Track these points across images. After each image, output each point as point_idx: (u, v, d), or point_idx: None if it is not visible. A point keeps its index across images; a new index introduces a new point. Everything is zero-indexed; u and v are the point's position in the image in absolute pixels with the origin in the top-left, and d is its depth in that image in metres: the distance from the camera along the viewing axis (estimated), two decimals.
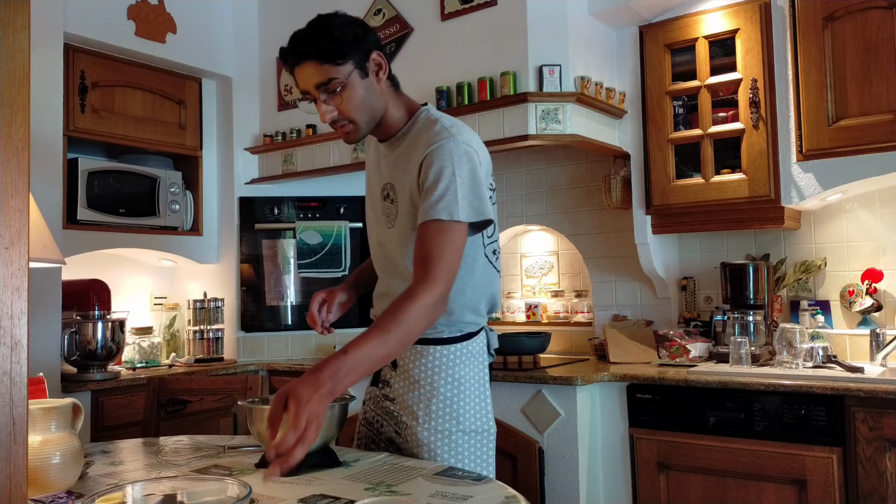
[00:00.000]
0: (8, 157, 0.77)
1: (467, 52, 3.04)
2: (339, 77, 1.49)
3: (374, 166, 1.70)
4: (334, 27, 1.50)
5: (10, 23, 0.78)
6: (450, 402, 1.58)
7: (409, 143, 1.58)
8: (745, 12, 2.78)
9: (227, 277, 3.72)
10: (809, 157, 2.65)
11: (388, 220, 1.61)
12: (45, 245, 1.79)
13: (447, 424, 1.58)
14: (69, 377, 2.97)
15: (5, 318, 0.76)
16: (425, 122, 1.58)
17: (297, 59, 1.50)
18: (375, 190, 1.67)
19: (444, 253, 1.43)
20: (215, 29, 3.72)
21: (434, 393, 1.58)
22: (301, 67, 1.50)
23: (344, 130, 1.56)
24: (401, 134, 1.60)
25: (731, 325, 2.75)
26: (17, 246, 0.77)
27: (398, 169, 1.58)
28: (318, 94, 1.50)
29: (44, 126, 2.94)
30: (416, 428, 1.58)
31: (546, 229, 3.56)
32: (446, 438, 1.58)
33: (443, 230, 1.44)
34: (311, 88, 1.51)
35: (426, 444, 1.57)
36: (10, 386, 0.76)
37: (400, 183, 1.57)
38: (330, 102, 1.51)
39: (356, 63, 1.50)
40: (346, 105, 1.51)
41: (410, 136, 1.58)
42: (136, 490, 1.19)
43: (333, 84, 1.49)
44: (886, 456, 2.15)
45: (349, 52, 1.49)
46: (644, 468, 2.55)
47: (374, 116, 1.56)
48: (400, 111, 1.61)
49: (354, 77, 1.50)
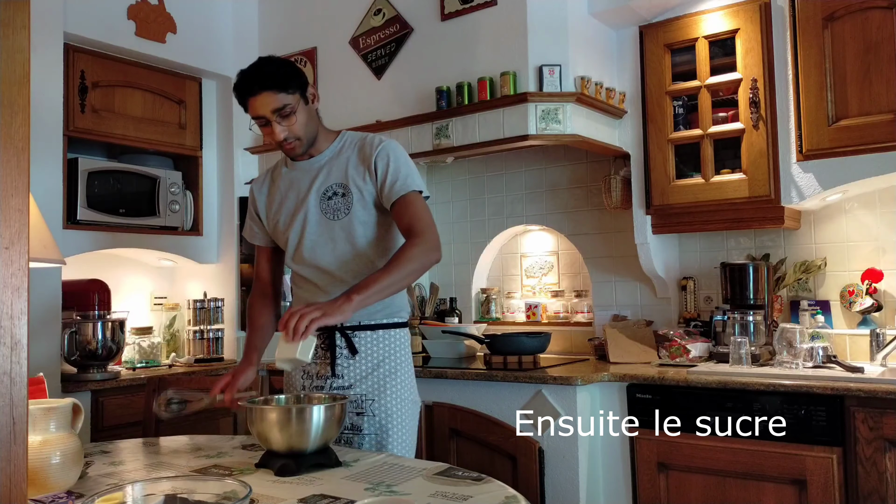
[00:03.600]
0: (8, 157, 0.77)
1: (467, 52, 3.04)
2: (291, 103, 1.83)
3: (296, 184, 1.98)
4: (280, 65, 1.86)
5: (10, 23, 0.78)
6: (407, 376, 1.95)
7: (345, 153, 1.95)
8: (745, 12, 2.78)
9: (227, 277, 3.72)
10: (809, 157, 2.65)
11: (336, 213, 1.91)
12: (45, 245, 1.79)
13: (408, 394, 1.93)
14: (69, 377, 2.97)
15: (5, 318, 0.76)
16: (353, 137, 1.99)
17: (258, 90, 1.81)
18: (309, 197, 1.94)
19: (425, 215, 1.85)
20: (215, 29, 3.72)
21: (397, 369, 1.92)
22: (260, 96, 1.81)
23: (291, 146, 1.89)
24: (332, 150, 1.96)
25: (731, 325, 2.75)
26: (17, 246, 0.77)
27: (340, 171, 1.93)
28: (273, 118, 1.83)
29: (44, 126, 2.94)
30: (385, 402, 1.88)
31: (546, 229, 3.56)
32: (408, 407, 1.92)
33: (417, 199, 1.87)
34: (267, 113, 1.82)
35: (397, 413, 1.89)
36: (10, 386, 0.76)
37: (349, 179, 1.91)
38: (283, 124, 1.84)
39: (301, 93, 1.86)
40: (295, 126, 1.86)
41: (345, 149, 1.96)
42: (136, 490, 1.19)
43: (287, 109, 1.83)
44: (886, 456, 2.15)
45: (297, 84, 1.85)
46: (644, 468, 2.55)
47: (312, 136, 1.93)
48: (326, 134, 1.98)
49: (301, 104, 1.86)
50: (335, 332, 1.90)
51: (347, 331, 1.90)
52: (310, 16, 3.64)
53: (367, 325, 1.91)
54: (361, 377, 1.89)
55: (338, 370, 1.90)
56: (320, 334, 1.89)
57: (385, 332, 1.93)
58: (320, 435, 1.53)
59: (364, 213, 1.90)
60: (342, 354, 1.90)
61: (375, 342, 1.91)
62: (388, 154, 1.89)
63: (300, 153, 1.93)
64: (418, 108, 3.14)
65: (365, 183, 1.89)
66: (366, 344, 1.91)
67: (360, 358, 1.90)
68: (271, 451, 1.56)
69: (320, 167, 1.95)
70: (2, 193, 0.76)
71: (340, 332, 1.90)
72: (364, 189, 1.90)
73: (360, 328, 1.91)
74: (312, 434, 1.52)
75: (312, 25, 3.61)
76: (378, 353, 1.91)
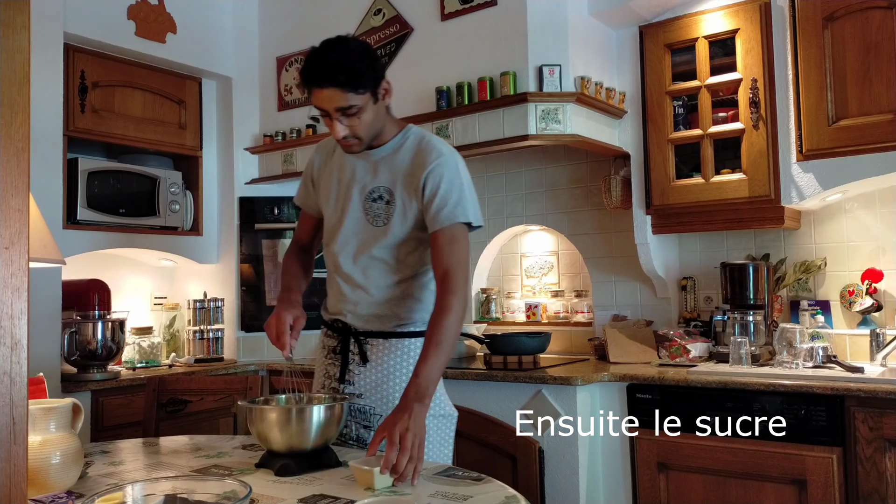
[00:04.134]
0: (8, 157, 0.77)
1: (467, 52, 3.04)
2: (358, 104, 1.65)
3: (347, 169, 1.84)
4: (357, 58, 1.65)
5: (10, 23, 0.78)
6: None
7: (403, 154, 1.78)
8: (745, 12, 2.78)
9: (227, 277, 3.72)
10: (809, 157, 2.65)
11: (375, 219, 1.77)
12: (45, 245, 1.79)
13: None
14: (69, 377, 2.97)
15: (5, 318, 0.76)
16: (416, 136, 1.80)
17: (326, 84, 1.63)
18: (354, 191, 1.81)
19: (461, 260, 1.71)
20: (215, 29, 3.72)
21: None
22: (325, 91, 1.64)
23: (349, 144, 1.73)
24: (392, 145, 1.79)
25: (731, 325, 2.75)
26: (17, 246, 0.77)
27: (392, 175, 1.77)
28: (336, 116, 1.67)
29: (44, 126, 2.94)
30: None
31: (546, 229, 3.56)
32: None
33: (461, 236, 1.72)
34: (331, 110, 1.66)
35: None
36: (10, 386, 0.76)
37: (397, 188, 1.76)
38: (345, 122, 1.68)
39: (373, 91, 1.67)
40: (358, 127, 1.69)
41: (404, 150, 1.78)
42: (136, 490, 1.19)
43: (353, 110, 1.65)
44: (886, 456, 2.15)
45: (370, 82, 1.66)
46: (644, 468, 2.55)
47: (375, 134, 1.75)
48: (391, 126, 1.80)
49: (369, 103, 1.68)
50: (349, 336, 1.81)
51: (360, 336, 1.80)
52: (310, 16, 3.64)
53: (379, 332, 1.79)
54: (371, 388, 1.77)
55: (348, 376, 1.80)
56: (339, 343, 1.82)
57: (398, 342, 1.78)
58: (320, 435, 1.53)
59: (401, 228, 1.75)
60: (353, 361, 1.79)
61: (387, 352, 1.78)
62: (441, 174, 1.71)
63: (357, 152, 1.77)
64: (418, 107, 3.13)
65: (410, 199, 1.74)
66: (377, 353, 1.78)
67: (370, 367, 1.78)
68: (271, 451, 1.56)
69: (376, 162, 1.79)
70: (2, 193, 0.76)
71: (354, 336, 1.80)
72: (408, 204, 1.75)
73: (372, 335, 1.79)
74: (312, 434, 1.52)
75: (312, 25, 3.61)
76: (389, 364, 1.77)
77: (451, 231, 1.70)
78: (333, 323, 1.85)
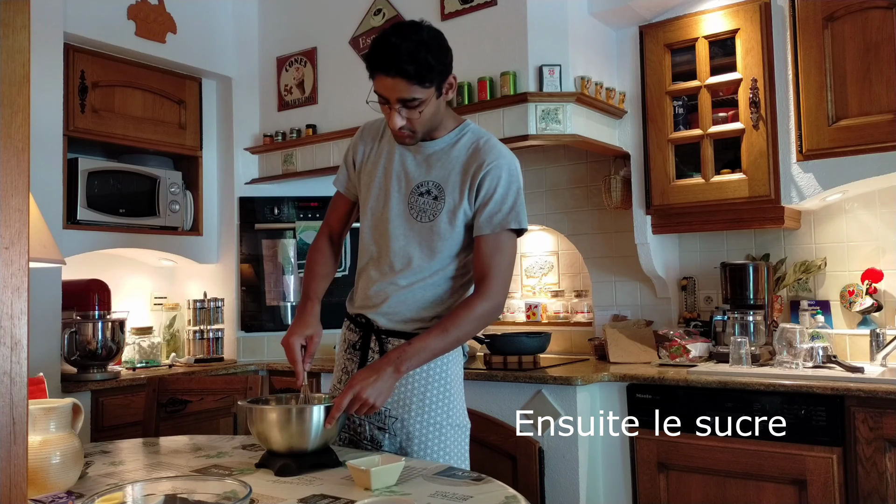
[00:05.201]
0: (8, 157, 0.77)
1: (467, 52, 3.04)
2: (422, 97, 1.60)
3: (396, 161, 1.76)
4: (429, 50, 1.59)
5: (10, 23, 0.77)
6: (442, 397, 1.70)
7: (458, 151, 1.72)
8: (745, 12, 2.78)
9: (227, 277, 3.72)
10: (809, 157, 2.65)
11: (419, 214, 1.70)
12: (45, 245, 1.79)
13: (439, 418, 1.69)
14: (69, 377, 2.97)
15: (5, 318, 0.76)
16: (473, 134, 1.74)
17: (393, 73, 1.57)
18: (400, 183, 1.74)
19: (503, 268, 1.66)
20: (215, 29, 3.72)
21: (428, 388, 1.69)
22: (391, 80, 1.58)
23: (404, 135, 1.68)
24: (448, 140, 1.73)
25: (731, 325, 2.75)
26: (17, 246, 0.77)
27: (444, 171, 1.71)
28: (396, 106, 1.61)
29: (44, 126, 2.94)
30: (407, 421, 1.67)
31: (546, 229, 3.56)
32: (437, 431, 1.68)
33: (510, 243, 1.67)
34: (392, 99, 1.61)
35: (418, 437, 1.67)
36: (10, 386, 0.76)
37: (448, 185, 1.70)
38: (403, 114, 1.63)
39: (438, 85, 1.63)
40: (416, 121, 1.64)
41: (459, 146, 1.72)
42: (136, 490, 1.19)
43: (415, 102, 1.60)
44: (886, 456, 2.15)
45: (437, 77, 1.61)
46: (644, 468, 2.55)
47: (432, 128, 1.71)
48: (448, 120, 1.74)
49: (432, 97, 1.63)
50: (371, 333, 1.74)
51: (383, 335, 1.72)
52: (310, 16, 3.64)
53: (401, 333, 1.70)
54: None
55: None
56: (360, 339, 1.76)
57: None
58: (320, 435, 1.53)
59: (448, 227, 1.68)
60: (373, 358, 1.72)
61: None
62: (499, 176, 1.66)
63: (410, 144, 1.72)
64: None
65: (462, 198, 1.67)
66: None
67: None
68: (271, 451, 1.55)
69: (428, 156, 1.73)
70: (2, 193, 0.76)
71: (376, 334, 1.73)
72: (458, 203, 1.68)
73: (394, 334, 1.71)
74: (312, 434, 1.52)
75: (312, 25, 3.61)
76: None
77: (499, 237, 1.66)
78: (357, 318, 1.78)
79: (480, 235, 1.66)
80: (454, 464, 1.67)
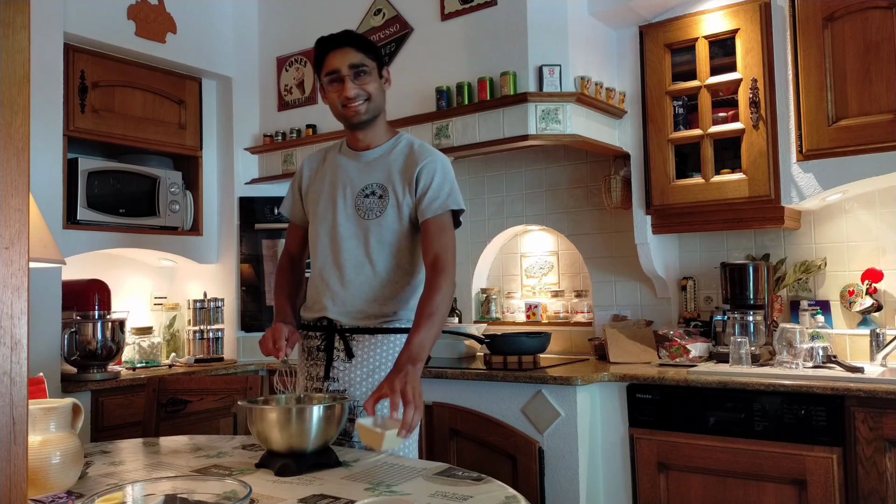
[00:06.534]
0: (8, 157, 0.77)
1: (467, 52, 3.04)
2: (369, 66, 1.87)
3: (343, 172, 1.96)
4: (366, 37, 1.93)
5: (10, 23, 0.77)
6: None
7: (395, 155, 1.93)
8: (745, 12, 2.78)
9: (227, 277, 3.72)
10: (809, 157, 2.65)
11: (367, 213, 1.89)
12: (45, 245, 1.79)
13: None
14: (69, 377, 2.97)
15: (5, 318, 0.76)
16: (407, 140, 1.97)
17: (341, 44, 1.86)
18: (345, 190, 1.93)
19: (450, 246, 1.84)
20: (215, 29, 3.72)
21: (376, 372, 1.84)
22: (342, 50, 1.85)
23: (357, 107, 1.87)
24: (385, 148, 1.95)
25: (731, 325, 2.75)
26: (17, 246, 0.77)
27: (386, 172, 1.91)
28: (348, 73, 1.85)
29: (44, 126, 2.94)
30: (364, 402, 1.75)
31: (546, 229, 3.56)
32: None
33: (448, 225, 1.86)
34: (343, 67, 1.85)
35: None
36: (10, 386, 0.76)
37: (390, 184, 1.90)
38: (356, 82, 1.86)
39: (378, 65, 1.91)
40: (367, 86, 1.87)
41: (396, 151, 1.94)
42: (136, 490, 1.19)
43: (364, 68, 1.86)
44: (886, 456, 2.15)
45: (378, 55, 1.92)
46: (644, 468, 2.55)
47: (378, 110, 1.92)
48: (386, 128, 1.99)
49: (376, 73, 1.90)
50: (334, 333, 1.88)
51: (346, 333, 1.88)
52: (310, 16, 3.64)
53: (364, 329, 1.87)
54: (356, 382, 1.85)
55: (333, 373, 1.88)
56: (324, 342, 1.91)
57: (384, 338, 1.87)
58: (320, 435, 1.53)
59: (395, 219, 1.88)
60: (339, 357, 1.87)
61: (373, 347, 1.86)
62: (434, 169, 1.87)
63: (365, 118, 1.89)
64: (418, 107, 3.14)
65: (404, 193, 1.87)
66: (363, 348, 1.87)
67: (356, 362, 1.86)
68: (271, 451, 1.56)
69: (368, 163, 1.94)
70: (2, 193, 0.76)
71: (339, 333, 1.88)
72: (402, 198, 1.88)
73: (358, 331, 1.87)
74: (312, 434, 1.52)
75: (312, 25, 3.61)
76: (375, 358, 1.86)
77: (442, 219, 1.85)
78: (317, 322, 1.93)
79: (426, 220, 1.85)
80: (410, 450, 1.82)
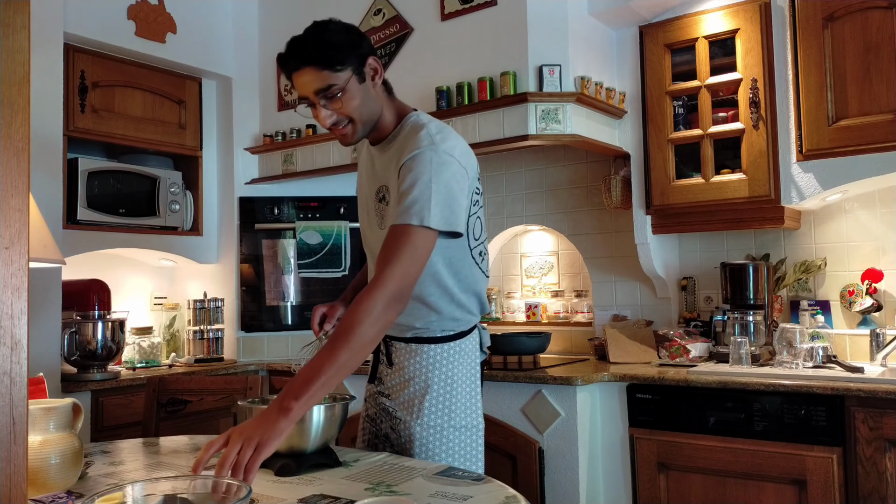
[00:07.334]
0: (8, 157, 0.77)
1: (467, 52, 3.04)
2: (338, 83, 1.52)
3: (367, 169, 1.74)
4: (331, 34, 1.53)
5: (10, 23, 0.77)
6: (442, 398, 1.65)
7: (398, 146, 1.62)
8: (745, 12, 2.78)
9: (227, 277, 3.72)
10: (809, 157, 2.65)
11: (380, 222, 1.65)
12: (45, 245, 1.79)
13: (439, 420, 1.64)
14: (69, 377, 2.97)
15: (5, 318, 0.76)
16: (412, 127, 1.61)
17: (296, 65, 1.53)
18: (369, 192, 1.71)
19: (403, 256, 1.44)
20: (215, 29, 3.72)
21: (427, 390, 1.65)
22: (300, 73, 1.53)
23: (342, 132, 1.60)
24: (391, 137, 1.65)
25: (731, 325, 2.75)
26: (17, 246, 0.77)
27: (388, 171, 1.63)
28: (318, 100, 1.54)
29: (44, 126, 2.94)
30: (410, 423, 1.65)
31: (546, 229, 3.56)
32: (439, 434, 1.64)
33: (407, 233, 1.46)
34: (310, 94, 1.54)
35: (419, 439, 1.64)
36: (10, 386, 0.76)
37: (391, 185, 1.61)
38: (329, 107, 1.55)
39: (354, 69, 1.54)
40: (344, 108, 1.55)
41: (398, 141, 1.63)
42: (136, 490, 1.19)
43: (332, 90, 1.52)
44: (886, 456, 2.15)
45: (347, 58, 1.52)
46: (644, 468, 2.55)
47: (370, 119, 1.61)
48: (392, 115, 1.66)
49: (352, 83, 1.54)
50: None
51: (387, 339, 1.72)
52: (310, 16, 3.60)
53: (400, 338, 1.70)
54: (395, 389, 1.71)
55: (379, 374, 1.76)
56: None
57: (417, 347, 1.68)
58: (320, 435, 1.53)
59: None
60: (383, 361, 1.74)
61: (407, 356, 1.69)
62: (413, 166, 1.50)
63: (354, 141, 1.62)
64: (418, 107, 3.11)
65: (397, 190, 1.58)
66: (400, 357, 1.70)
67: (395, 369, 1.72)
68: None
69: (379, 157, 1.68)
70: (2, 193, 0.76)
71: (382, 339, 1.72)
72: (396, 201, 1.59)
73: (396, 339, 1.71)
74: (312, 434, 1.51)
75: None
76: (409, 368, 1.68)
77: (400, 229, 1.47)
78: None
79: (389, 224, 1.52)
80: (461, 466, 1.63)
